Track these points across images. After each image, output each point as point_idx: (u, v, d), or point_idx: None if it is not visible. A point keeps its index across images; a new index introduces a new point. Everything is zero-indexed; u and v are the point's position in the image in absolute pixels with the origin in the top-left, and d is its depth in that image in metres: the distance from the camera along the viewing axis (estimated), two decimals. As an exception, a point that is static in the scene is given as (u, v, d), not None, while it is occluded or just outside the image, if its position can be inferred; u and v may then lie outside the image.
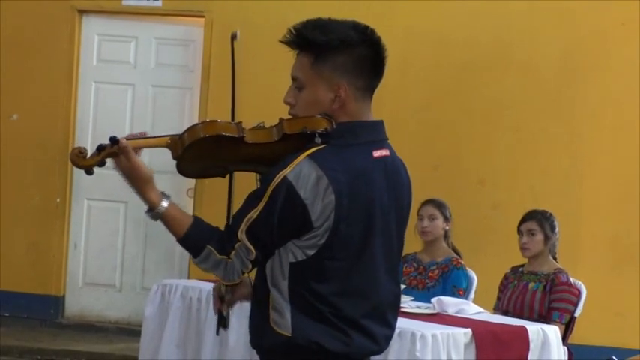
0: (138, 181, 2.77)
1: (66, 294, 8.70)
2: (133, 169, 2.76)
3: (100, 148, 2.77)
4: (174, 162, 2.87)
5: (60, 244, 8.62)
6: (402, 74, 8.14)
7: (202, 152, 2.83)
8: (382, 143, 2.86)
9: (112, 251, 8.68)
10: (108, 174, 3.26)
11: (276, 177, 2.69)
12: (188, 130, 2.82)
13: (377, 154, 2.82)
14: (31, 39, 8.61)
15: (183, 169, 2.89)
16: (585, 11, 7.98)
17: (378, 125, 2.88)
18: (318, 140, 2.77)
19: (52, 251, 8.61)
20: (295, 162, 2.69)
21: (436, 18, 8.16)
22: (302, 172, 2.68)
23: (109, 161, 2.82)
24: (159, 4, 8.51)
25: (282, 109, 2.94)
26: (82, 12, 8.66)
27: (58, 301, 8.62)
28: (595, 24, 7.99)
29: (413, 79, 8.18)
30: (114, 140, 2.76)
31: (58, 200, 8.56)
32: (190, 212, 8.06)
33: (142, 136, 2.83)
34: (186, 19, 8.56)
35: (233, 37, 2.99)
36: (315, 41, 2.76)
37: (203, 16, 8.44)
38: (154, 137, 2.87)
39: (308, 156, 2.71)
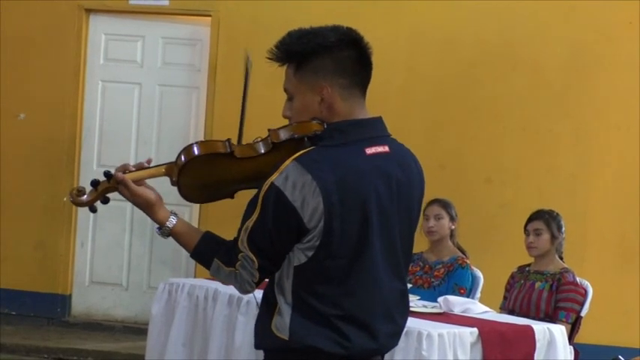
0: (143, 205, 2.92)
1: (72, 293, 8.71)
2: (135, 197, 2.91)
3: (94, 184, 2.91)
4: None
5: (67, 242, 8.63)
6: (408, 73, 8.15)
7: (199, 173, 2.89)
8: (379, 140, 2.86)
9: (118, 250, 8.69)
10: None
11: (265, 184, 2.73)
12: (180, 153, 2.90)
13: (370, 150, 2.82)
14: (38, 38, 8.62)
15: (187, 194, 2.94)
16: (592, 10, 7.97)
17: (372, 122, 2.88)
18: (307, 144, 2.80)
19: (59, 250, 8.61)
20: (282, 167, 2.73)
21: (442, 17, 8.15)
22: (288, 176, 2.71)
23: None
24: (166, 3, 8.51)
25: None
26: (89, 11, 8.67)
27: (64, 300, 8.64)
28: (601, 23, 7.98)
29: (419, 78, 8.18)
30: (108, 175, 2.90)
31: (65, 199, 8.56)
32: (196, 213, 8.20)
33: (140, 166, 2.94)
34: (193, 18, 8.57)
35: (247, 62, 3.02)
36: (294, 50, 2.82)
37: (210, 16, 8.44)
38: (151, 167, 2.94)
39: (294, 159, 2.73)
